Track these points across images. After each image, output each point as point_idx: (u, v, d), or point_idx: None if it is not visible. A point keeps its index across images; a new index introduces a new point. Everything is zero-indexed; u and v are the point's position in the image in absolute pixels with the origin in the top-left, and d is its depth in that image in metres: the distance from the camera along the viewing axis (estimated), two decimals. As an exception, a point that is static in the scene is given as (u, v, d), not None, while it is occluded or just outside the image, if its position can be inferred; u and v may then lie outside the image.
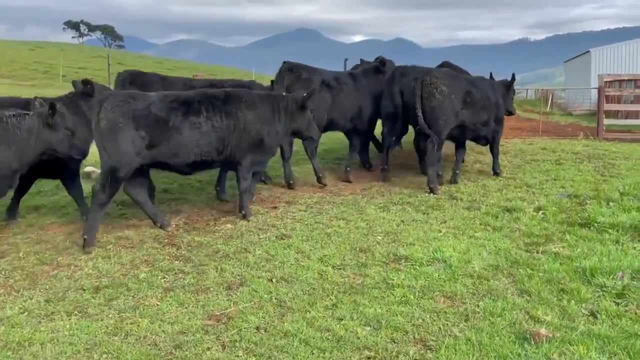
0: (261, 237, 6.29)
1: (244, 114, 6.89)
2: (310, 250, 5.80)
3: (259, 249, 5.87)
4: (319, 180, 8.76)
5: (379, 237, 6.10)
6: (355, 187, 8.50)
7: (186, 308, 4.64)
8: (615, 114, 20.81)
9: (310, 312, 4.45)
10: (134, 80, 8.91)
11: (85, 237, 6.18)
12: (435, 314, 4.32)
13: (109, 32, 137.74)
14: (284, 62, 9.02)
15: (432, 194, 8.02)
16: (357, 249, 5.79)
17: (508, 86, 9.87)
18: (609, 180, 8.98)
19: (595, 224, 6.24)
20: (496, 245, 5.74)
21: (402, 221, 6.69)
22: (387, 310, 4.39)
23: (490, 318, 4.18)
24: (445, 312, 4.36)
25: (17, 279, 5.33)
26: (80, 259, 5.80)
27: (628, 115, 20.45)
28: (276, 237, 6.27)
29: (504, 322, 4.12)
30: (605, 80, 16.46)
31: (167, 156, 6.56)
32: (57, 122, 6.25)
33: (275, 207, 7.51)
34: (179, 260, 5.70)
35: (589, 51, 41.35)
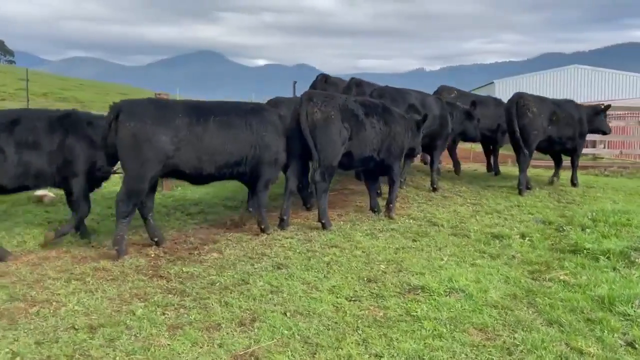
0: (256, 266, 5.94)
1: (395, 126, 7.99)
2: (315, 280, 5.51)
3: (259, 280, 5.51)
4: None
5: (382, 266, 5.91)
6: (331, 214, 8.27)
7: (202, 347, 4.23)
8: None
9: (342, 348, 4.17)
10: (327, 80, 11.51)
11: (323, 221, 7.38)
12: (475, 348, 4.16)
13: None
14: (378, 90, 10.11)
15: (520, 194, 10.00)
16: (365, 278, 5.57)
17: (598, 112, 11.43)
18: (568, 206, 9.28)
19: (584, 251, 6.36)
20: (502, 273, 5.71)
21: (397, 248, 6.55)
22: (424, 345, 4.19)
23: (535, 351, 4.07)
24: (484, 345, 4.21)
25: (-8, 318, 4.71)
26: (59, 294, 5.22)
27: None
28: (272, 266, 5.93)
29: (551, 355, 4.02)
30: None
31: (356, 148, 7.54)
32: None
33: (257, 234, 7.15)
34: (174, 293, 5.25)
35: (493, 82, 43.54)
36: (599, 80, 42.44)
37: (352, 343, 4.26)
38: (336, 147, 7.27)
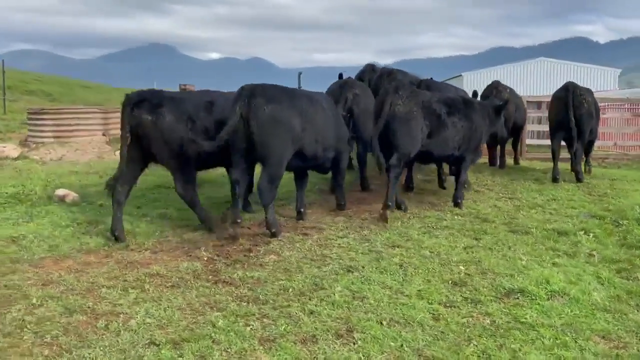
0: (324, 270, 5.51)
1: (477, 118, 8.09)
2: (396, 285, 5.12)
3: (336, 285, 5.09)
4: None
5: (462, 267, 5.54)
6: (368, 210, 7.89)
7: (308, 364, 3.82)
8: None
9: (464, 362, 3.81)
10: (374, 69, 11.26)
11: (389, 203, 7.24)
12: (610, 359, 3.84)
13: None
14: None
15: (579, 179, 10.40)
16: (450, 282, 5.19)
17: None
18: (604, 199, 9.02)
19: (657, 247, 6.12)
20: (590, 273, 5.40)
21: (465, 248, 6.18)
22: (554, 357, 3.85)
23: (682, 361, 3.77)
24: (617, 355, 3.89)
25: (56, 334, 4.19)
26: (120, 304, 4.72)
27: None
28: (342, 269, 5.51)
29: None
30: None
31: (436, 147, 7.67)
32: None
33: (306, 234, 6.71)
34: (247, 301, 4.79)
35: (461, 75, 43.64)
36: (564, 72, 42.69)
37: (472, 356, 3.89)
38: (414, 141, 7.38)
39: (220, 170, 8.12)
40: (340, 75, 10.54)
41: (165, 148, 6.43)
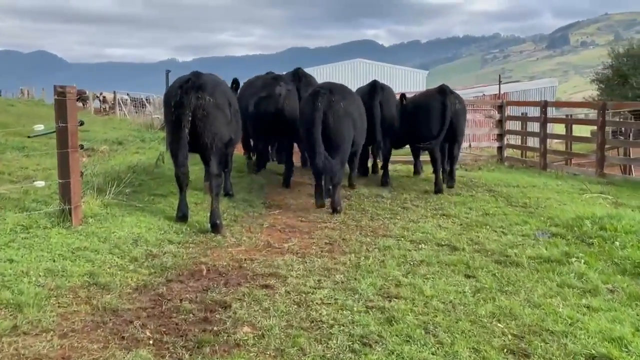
0: (331, 346, 4.02)
1: None
2: (454, 341, 3.84)
3: (385, 342, 3.72)
4: None
5: (500, 325, 4.32)
6: (303, 242, 6.57)
7: None
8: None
9: None
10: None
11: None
12: None
13: None
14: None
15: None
16: (505, 350, 3.97)
17: None
18: (533, 211, 8.55)
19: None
20: (636, 316, 4.61)
21: (475, 292, 5.03)
22: None
23: None
24: None
25: None
26: None
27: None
28: (354, 342, 4.06)
29: None
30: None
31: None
32: None
33: (268, 287, 5.15)
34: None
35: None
36: (380, 72, 44.50)
37: None
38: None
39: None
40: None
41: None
